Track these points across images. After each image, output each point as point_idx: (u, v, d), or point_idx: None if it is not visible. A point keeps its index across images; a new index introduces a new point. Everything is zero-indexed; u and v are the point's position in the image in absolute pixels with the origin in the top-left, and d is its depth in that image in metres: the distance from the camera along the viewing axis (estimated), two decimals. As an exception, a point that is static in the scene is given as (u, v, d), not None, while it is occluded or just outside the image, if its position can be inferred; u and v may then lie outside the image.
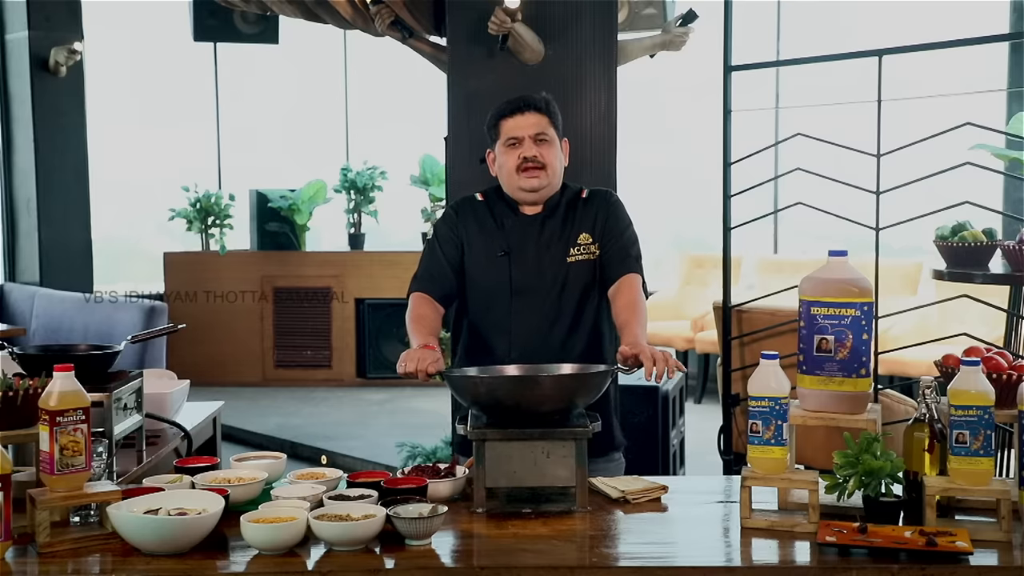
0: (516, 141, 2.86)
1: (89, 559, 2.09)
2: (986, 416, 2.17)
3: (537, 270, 2.88)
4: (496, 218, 2.94)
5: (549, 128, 2.88)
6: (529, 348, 2.81)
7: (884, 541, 2.07)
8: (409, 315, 2.87)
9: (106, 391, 2.69)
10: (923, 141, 4.08)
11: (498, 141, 2.91)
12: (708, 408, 7.56)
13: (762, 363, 2.31)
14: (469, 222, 2.96)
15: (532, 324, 2.86)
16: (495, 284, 2.90)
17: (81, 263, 8.47)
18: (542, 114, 2.87)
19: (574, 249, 2.89)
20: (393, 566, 2.04)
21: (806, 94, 8.07)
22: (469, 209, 2.99)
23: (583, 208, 2.94)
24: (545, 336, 2.85)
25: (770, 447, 2.26)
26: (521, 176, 2.86)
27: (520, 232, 2.91)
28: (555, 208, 2.93)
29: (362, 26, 5.16)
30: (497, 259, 2.89)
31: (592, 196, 2.97)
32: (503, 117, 2.89)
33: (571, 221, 2.91)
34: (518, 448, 2.38)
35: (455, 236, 2.95)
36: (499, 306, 2.89)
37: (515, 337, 2.86)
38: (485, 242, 2.92)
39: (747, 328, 4.55)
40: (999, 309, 4.46)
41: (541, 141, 2.86)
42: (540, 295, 2.87)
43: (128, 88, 10.67)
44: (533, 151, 2.85)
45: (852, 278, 2.37)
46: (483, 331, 2.93)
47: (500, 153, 2.90)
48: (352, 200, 9.11)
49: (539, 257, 2.89)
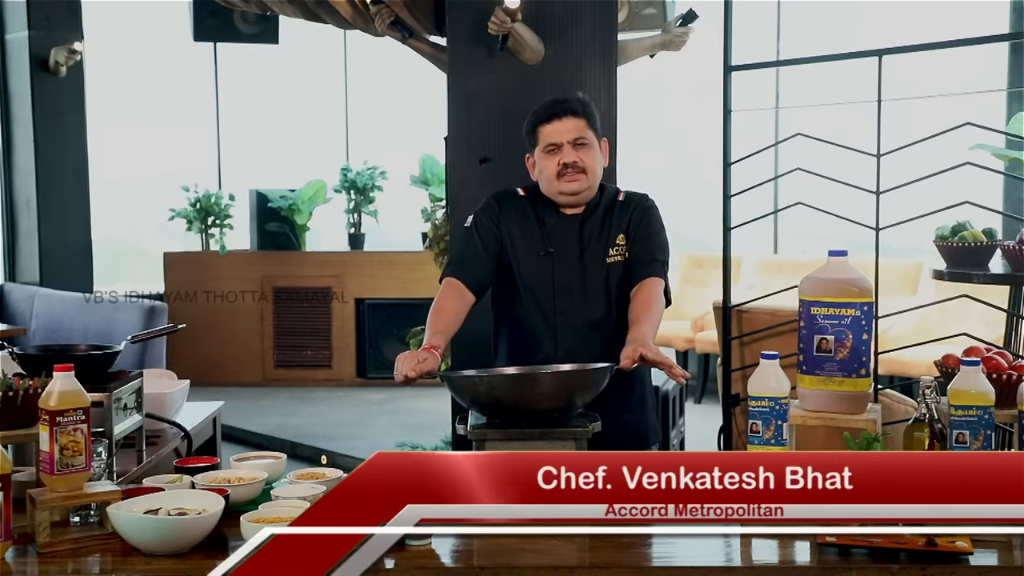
0: (555, 147, 2.86)
1: (89, 559, 2.09)
2: (986, 416, 2.18)
3: (579, 270, 2.89)
4: (538, 216, 2.94)
5: (587, 131, 2.88)
6: (574, 348, 2.83)
7: (884, 541, 2.07)
8: (433, 304, 2.85)
9: (106, 391, 2.69)
10: (923, 141, 4.08)
11: (537, 147, 2.90)
12: (708, 408, 7.56)
13: (762, 363, 2.32)
14: (511, 216, 2.95)
15: (576, 324, 2.88)
16: (538, 282, 2.91)
17: (81, 263, 8.47)
18: (579, 117, 2.87)
19: (613, 250, 2.91)
20: (393, 566, 2.04)
21: (806, 94, 8.06)
22: (512, 203, 2.98)
23: (620, 210, 2.95)
24: (588, 336, 2.87)
25: (770, 447, 2.27)
26: (561, 181, 2.86)
27: (562, 232, 2.92)
28: (594, 209, 2.94)
29: (362, 26, 5.16)
30: (540, 258, 2.90)
31: (629, 199, 2.99)
32: (541, 123, 2.89)
33: (609, 222, 2.93)
34: (518, 448, 2.38)
35: (496, 228, 2.94)
36: (543, 305, 2.90)
37: (561, 337, 2.87)
38: (527, 239, 2.92)
39: (747, 328, 4.55)
40: (999, 309, 4.46)
41: (580, 145, 2.86)
42: (582, 295, 2.89)
43: (128, 88, 10.67)
44: (573, 156, 2.85)
45: (852, 278, 2.37)
46: (527, 330, 2.93)
47: (540, 159, 2.90)
48: (352, 200, 9.11)
49: (581, 257, 2.90)
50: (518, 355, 2.92)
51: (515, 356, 2.93)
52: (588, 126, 2.89)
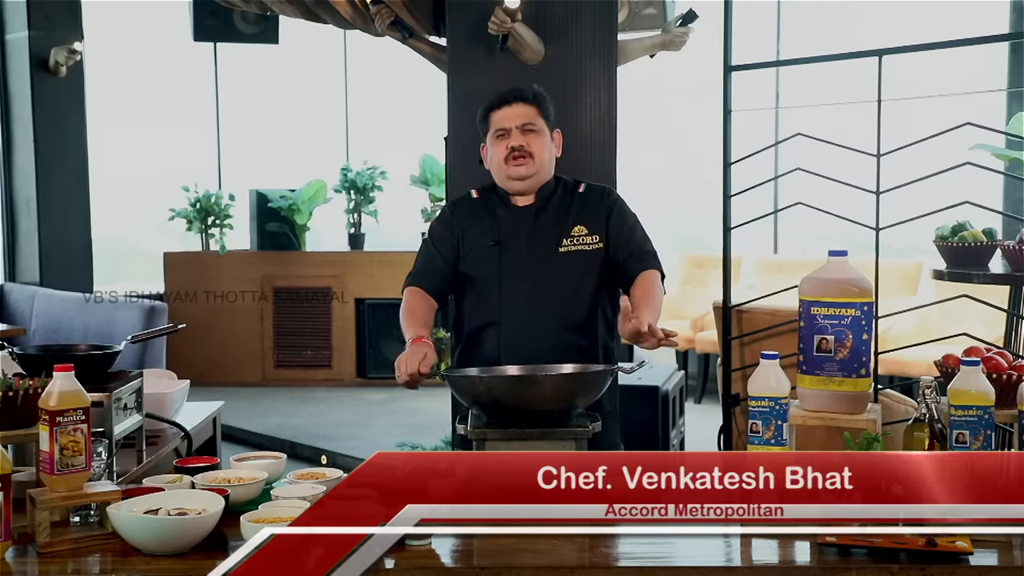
0: (504, 132, 2.87)
1: (89, 559, 2.09)
2: (986, 416, 2.18)
3: (526, 259, 2.86)
4: (489, 210, 2.94)
5: (538, 118, 2.87)
6: (519, 342, 2.80)
7: (884, 541, 2.07)
8: (402, 309, 2.88)
9: (106, 391, 2.69)
10: (923, 141, 4.08)
11: (488, 133, 2.91)
12: (708, 408, 7.56)
13: (762, 363, 2.31)
14: (464, 218, 2.96)
15: (522, 316, 2.84)
16: (485, 275, 2.89)
17: (81, 263, 8.47)
18: (530, 104, 2.87)
19: (567, 240, 2.87)
20: (393, 566, 2.04)
21: (806, 94, 8.06)
22: (464, 206, 3.00)
23: (579, 200, 2.93)
24: (535, 328, 2.83)
25: (770, 447, 2.27)
26: (509, 165, 2.86)
27: (512, 222, 2.90)
28: (549, 199, 2.92)
29: (362, 26, 5.15)
30: (488, 249, 2.89)
31: (590, 190, 2.96)
32: (492, 110, 2.90)
33: (565, 213, 2.91)
34: (518, 448, 2.38)
35: (450, 234, 2.95)
36: (489, 298, 2.88)
37: (505, 330, 2.84)
38: (478, 234, 2.92)
39: (747, 328, 4.55)
40: (999, 309, 4.46)
41: (528, 131, 2.86)
42: (530, 285, 2.85)
43: (128, 88, 10.67)
44: (520, 141, 2.85)
45: (852, 278, 2.37)
46: (475, 326, 2.92)
47: (490, 145, 2.91)
48: (352, 200, 9.11)
49: (529, 246, 2.87)
50: (467, 354, 2.91)
51: (465, 355, 2.92)
52: (539, 114, 2.88)
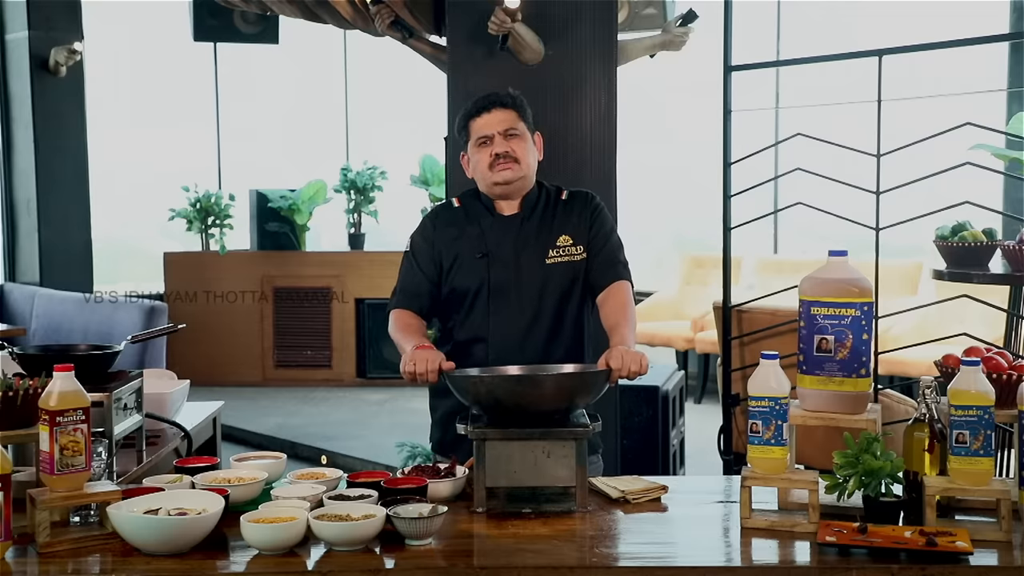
0: (486, 139, 2.85)
1: (89, 559, 2.09)
2: (986, 416, 2.17)
3: (515, 271, 2.85)
4: (473, 221, 2.92)
5: (519, 122, 2.87)
6: (507, 354, 2.79)
7: (884, 541, 2.07)
8: (394, 326, 2.87)
9: (106, 391, 2.69)
10: (923, 141, 4.08)
11: (469, 142, 2.90)
12: (708, 408, 7.56)
13: (762, 363, 2.31)
14: (446, 230, 2.93)
15: (510, 328, 2.84)
16: (473, 288, 2.87)
17: (81, 263, 8.47)
18: (509, 109, 2.86)
19: (553, 251, 2.87)
20: (393, 566, 2.04)
21: (806, 94, 8.06)
22: (446, 216, 2.97)
23: (563, 209, 2.92)
24: (523, 341, 2.83)
25: (770, 447, 2.26)
26: (495, 172, 2.84)
27: (498, 233, 2.89)
28: (533, 208, 2.91)
29: (362, 26, 5.15)
30: (476, 261, 2.87)
31: (573, 198, 2.94)
32: (471, 118, 2.88)
33: (550, 222, 2.90)
34: (518, 448, 2.38)
35: (431, 249, 2.92)
36: (477, 310, 2.87)
37: (493, 342, 2.84)
38: (463, 247, 2.89)
39: (747, 328, 4.55)
40: (999, 309, 4.46)
41: (511, 136, 2.85)
42: (517, 297, 2.85)
43: (128, 88, 10.67)
44: (504, 147, 2.84)
45: (852, 278, 2.37)
46: (462, 339, 2.90)
47: (472, 153, 2.89)
48: (352, 200, 9.11)
49: (517, 258, 2.86)
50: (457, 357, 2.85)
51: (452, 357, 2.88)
52: (519, 118, 2.87)
